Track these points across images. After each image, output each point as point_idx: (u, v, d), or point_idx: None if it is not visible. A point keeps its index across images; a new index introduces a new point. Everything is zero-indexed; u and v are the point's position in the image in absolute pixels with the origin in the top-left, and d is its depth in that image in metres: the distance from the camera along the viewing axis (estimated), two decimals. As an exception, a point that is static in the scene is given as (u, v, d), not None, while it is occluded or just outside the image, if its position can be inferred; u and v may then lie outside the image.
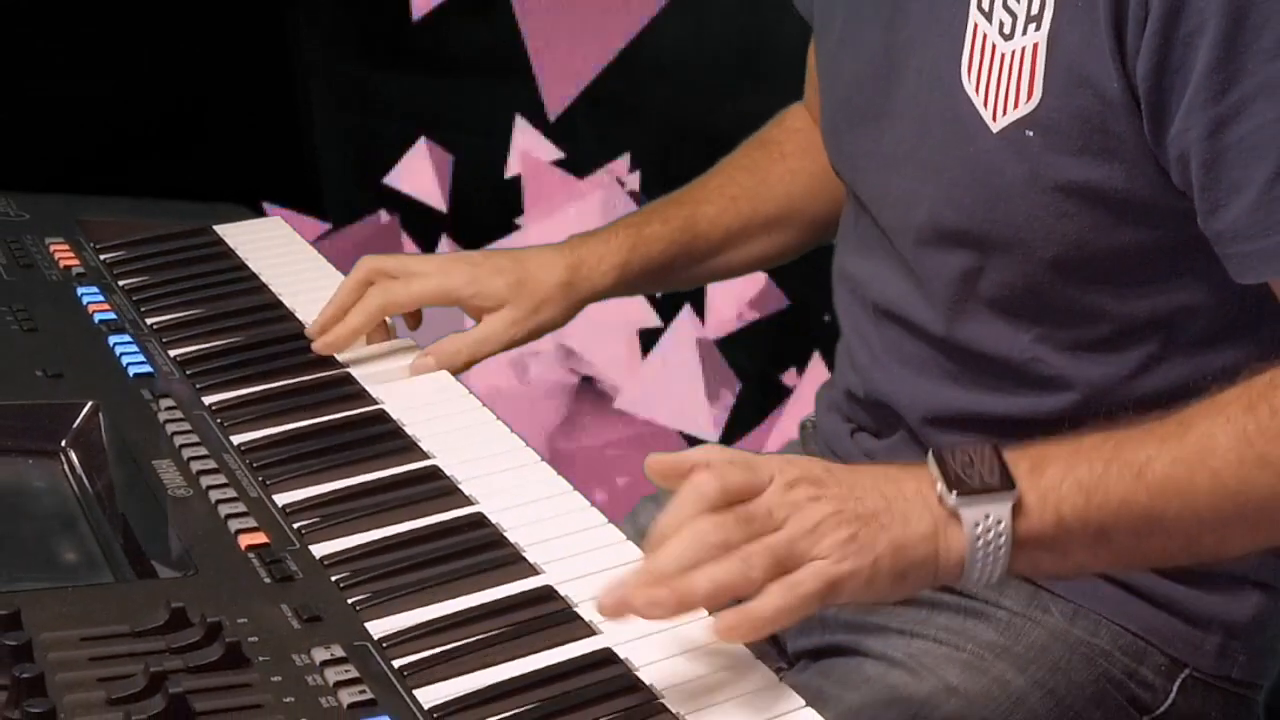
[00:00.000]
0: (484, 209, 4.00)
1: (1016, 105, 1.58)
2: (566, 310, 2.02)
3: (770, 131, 2.21)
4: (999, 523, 1.41)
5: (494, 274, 1.99)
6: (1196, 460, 1.43)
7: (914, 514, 1.42)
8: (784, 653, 1.88)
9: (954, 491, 1.41)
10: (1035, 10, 1.56)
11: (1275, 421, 1.43)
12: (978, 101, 1.61)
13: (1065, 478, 1.44)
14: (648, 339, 3.90)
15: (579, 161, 3.92)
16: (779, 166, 2.15)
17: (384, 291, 1.96)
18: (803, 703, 1.35)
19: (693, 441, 3.78)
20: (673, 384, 3.86)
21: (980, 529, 1.41)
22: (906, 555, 1.40)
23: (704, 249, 2.11)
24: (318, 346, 1.93)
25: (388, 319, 2.00)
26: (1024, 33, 1.57)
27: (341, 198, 4.20)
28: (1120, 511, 1.44)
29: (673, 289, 2.12)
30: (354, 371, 1.90)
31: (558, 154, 3.92)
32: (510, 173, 3.97)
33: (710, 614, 1.37)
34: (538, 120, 3.91)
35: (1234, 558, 1.61)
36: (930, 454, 1.44)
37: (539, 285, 2.00)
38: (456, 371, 1.95)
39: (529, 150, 3.93)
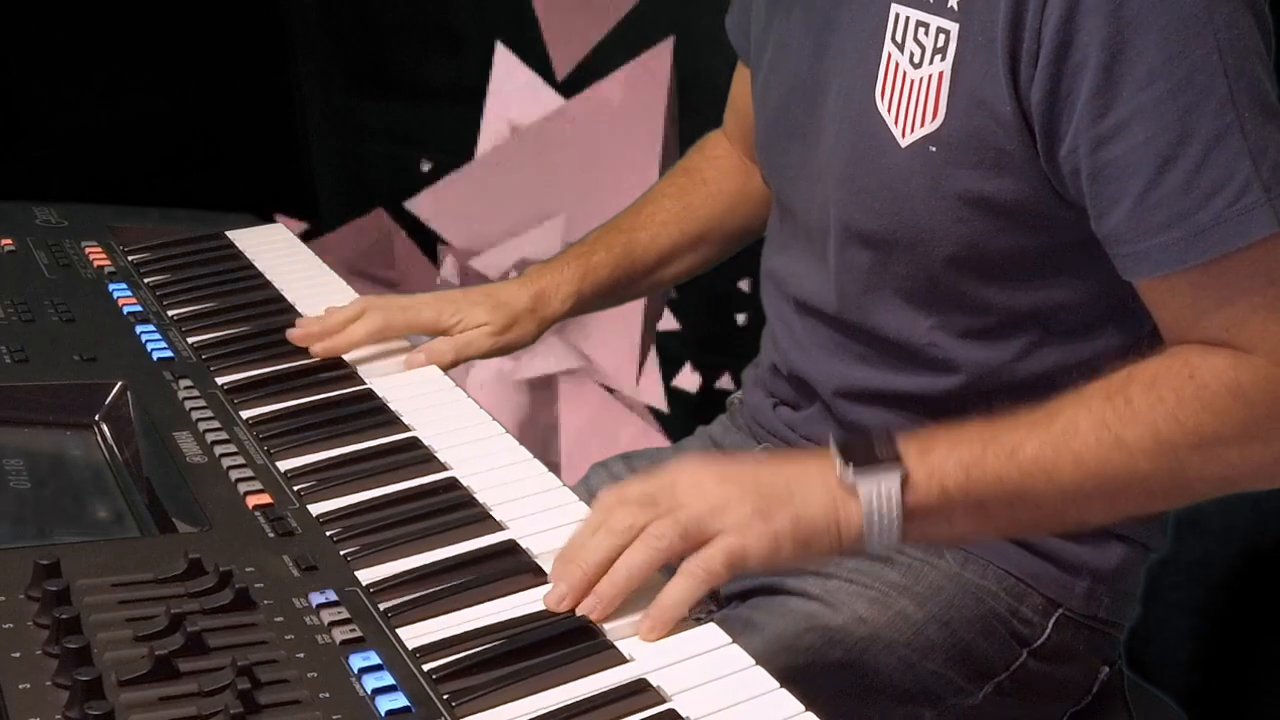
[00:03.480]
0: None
1: (923, 124, 1.58)
2: (535, 330, 2.04)
3: (692, 159, 2.20)
4: (890, 494, 1.43)
5: (473, 305, 1.99)
6: (1061, 443, 1.46)
7: (813, 491, 1.44)
8: (715, 595, 1.87)
9: (851, 467, 1.44)
10: (941, 44, 1.56)
11: (1130, 409, 1.45)
12: (889, 120, 1.61)
13: (948, 457, 1.46)
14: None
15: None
16: (701, 190, 2.15)
17: (385, 315, 1.93)
18: (729, 639, 1.35)
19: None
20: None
21: (874, 499, 1.43)
22: (807, 525, 1.43)
23: (641, 270, 2.11)
24: (318, 349, 1.90)
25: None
26: (931, 62, 1.57)
27: (335, 208, 4.19)
28: (995, 487, 1.46)
29: (618, 304, 2.14)
30: (346, 357, 1.89)
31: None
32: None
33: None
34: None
35: (1096, 526, 1.66)
36: (833, 439, 1.47)
37: (511, 309, 2.01)
38: (443, 369, 1.93)
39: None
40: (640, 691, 1.27)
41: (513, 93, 3.81)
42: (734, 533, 1.40)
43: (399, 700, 1.23)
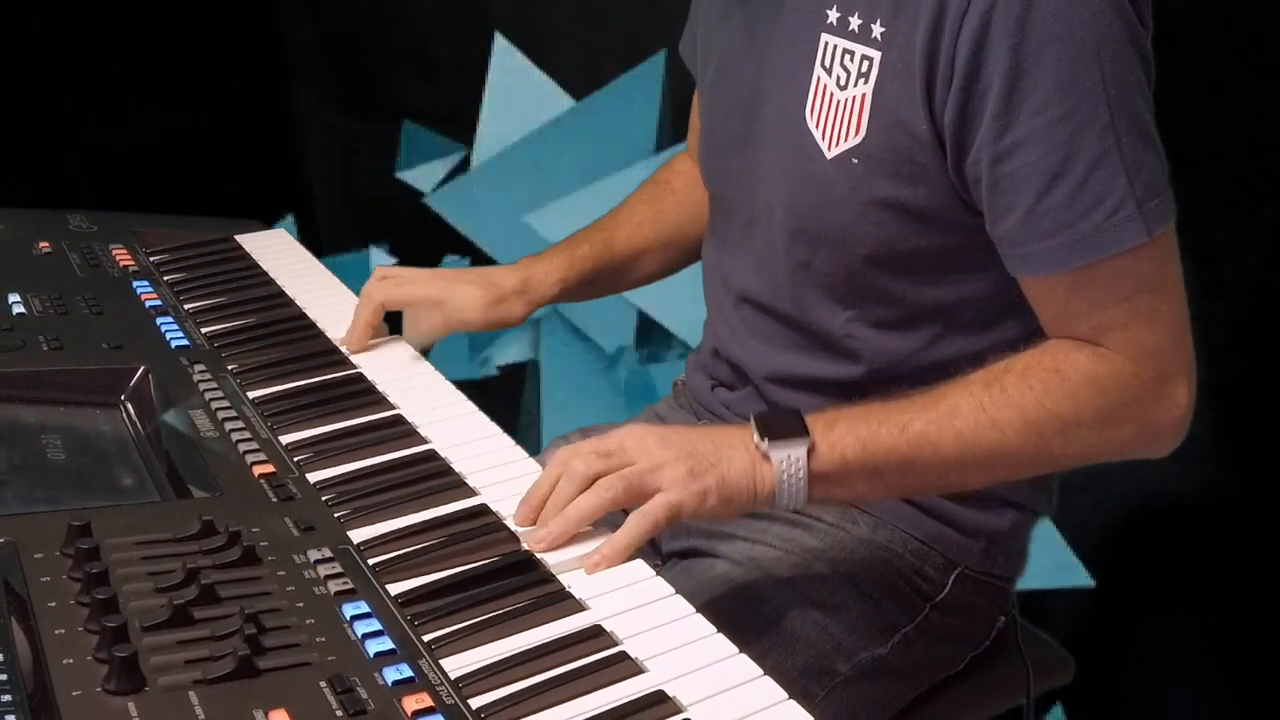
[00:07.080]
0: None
1: (846, 139, 1.59)
2: (524, 310, 2.00)
3: (662, 173, 2.20)
4: (797, 461, 1.49)
5: (465, 284, 1.96)
6: (945, 421, 1.52)
7: (736, 457, 1.50)
8: (659, 552, 1.88)
9: (766, 439, 1.50)
10: (864, 69, 1.57)
11: (1004, 395, 1.52)
12: (817, 135, 1.62)
13: (849, 432, 1.52)
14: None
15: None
16: (670, 199, 2.14)
17: (383, 290, 1.94)
18: (673, 590, 1.37)
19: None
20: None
21: (784, 465, 1.49)
22: (730, 485, 1.49)
23: (619, 264, 2.09)
24: (345, 345, 1.91)
25: None
26: (855, 85, 1.58)
27: (329, 210, 4.19)
28: (888, 457, 1.52)
29: (600, 295, 2.12)
30: (341, 347, 1.89)
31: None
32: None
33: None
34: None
35: (971, 489, 1.69)
36: (753, 415, 1.53)
37: (500, 289, 1.97)
38: (435, 340, 1.95)
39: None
40: (597, 636, 1.28)
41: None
42: (671, 489, 1.46)
43: (386, 644, 1.23)
